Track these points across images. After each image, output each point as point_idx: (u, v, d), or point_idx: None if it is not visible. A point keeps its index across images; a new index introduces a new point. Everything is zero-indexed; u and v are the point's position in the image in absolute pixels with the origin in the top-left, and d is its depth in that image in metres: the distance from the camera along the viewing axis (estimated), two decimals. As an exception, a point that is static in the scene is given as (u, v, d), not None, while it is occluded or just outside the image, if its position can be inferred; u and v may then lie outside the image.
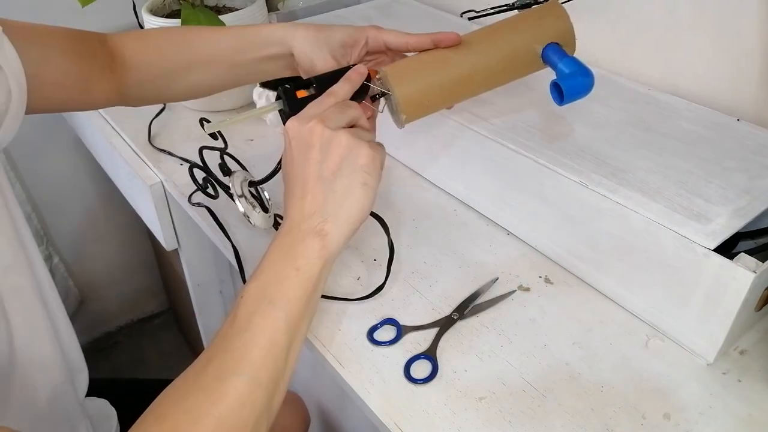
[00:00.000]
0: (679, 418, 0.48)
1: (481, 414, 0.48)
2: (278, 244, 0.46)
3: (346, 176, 0.45)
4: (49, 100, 0.54)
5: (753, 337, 0.55)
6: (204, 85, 0.62)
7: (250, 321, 0.42)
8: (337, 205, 0.45)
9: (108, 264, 1.46)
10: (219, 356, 0.41)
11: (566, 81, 0.50)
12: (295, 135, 0.46)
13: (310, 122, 0.45)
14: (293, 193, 0.47)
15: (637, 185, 0.55)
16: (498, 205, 0.67)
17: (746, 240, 0.54)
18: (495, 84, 0.56)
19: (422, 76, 0.53)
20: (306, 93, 0.50)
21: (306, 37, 0.56)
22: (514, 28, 0.55)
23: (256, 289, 0.44)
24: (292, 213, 0.46)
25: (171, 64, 0.61)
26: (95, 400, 0.66)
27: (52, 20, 1.13)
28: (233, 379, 0.40)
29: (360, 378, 0.52)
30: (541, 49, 0.53)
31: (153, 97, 0.64)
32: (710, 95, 0.70)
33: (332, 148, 0.45)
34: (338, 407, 0.93)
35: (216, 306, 1.06)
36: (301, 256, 0.44)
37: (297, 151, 0.46)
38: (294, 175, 0.46)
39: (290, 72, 0.60)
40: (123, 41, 0.61)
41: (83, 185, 1.33)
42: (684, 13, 0.69)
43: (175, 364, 1.52)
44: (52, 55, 0.53)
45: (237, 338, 0.41)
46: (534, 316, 0.57)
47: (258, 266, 0.45)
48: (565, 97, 0.51)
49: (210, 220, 0.70)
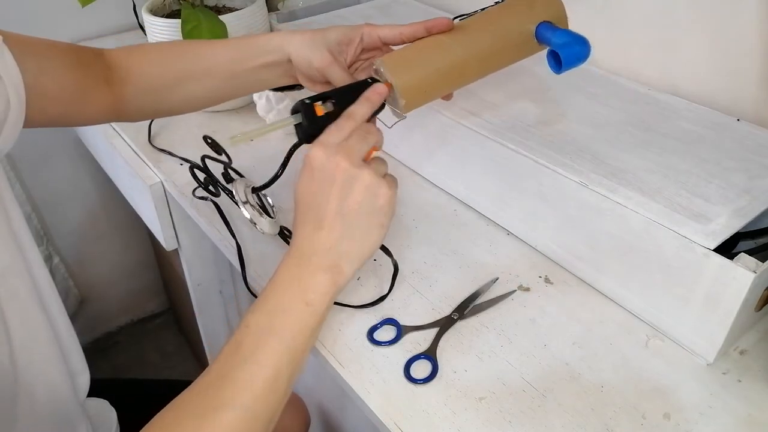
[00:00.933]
0: (679, 418, 0.48)
1: (481, 414, 0.49)
2: (287, 273, 0.45)
3: (364, 216, 0.46)
4: (46, 112, 0.54)
5: (753, 337, 0.55)
6: (201, 97, 0.62)
7: (255, 353, 0.42)
8: (353, 243, 0.46)
9: (108, 264, 1.46)
10: (218, 384, 0.41)
11: (564, 49, 0.51)
12: (320, 166, 0.45)
13: (336, 156, 0.45)
14: (307, 221, 0.46)
15: (636, 185, 0.55)
16: (498, 205, 0.67)
17: (746, 240, 0.54)
18: (492, 67, 0.56)
19: (419, 61, 0.53)
20: (323, 110, 0.49)
21: (302, 40, 0.56)
22: (507, 12, 0.55)
23: (263, 319, 0.43)
24: (304, 243, 0.46)
25: (168, 76, 0.61)
26: (95, 400, 0.66)
27: (52, 20, 1.13)
28: (232, 410, 0.40)
29: (360, 378, 0.52)
30: (534, 28, 0.54)
31: (150, 110, 0.64)
32: (710, 95, 0.70)
33: (355, 187, 0.45)
34: (338, 407, 0.93)
35: (216, 306, 1.06)
36: (311, 291, 0.44)
37: (319, 183, 0.45)
38: (311, 205, 0.46)
39: (288, 80, 0.60)
40: (121, 54, 0.61)
41: (83, 185, 1.33)
42: (683, 12, 0.69)
43: (176, 364, 1.52)
44: (50, 66, 0.54)
45: (240, 368, 0.41)
46: (534, 316, 0.57)
47: (265, 293, 0.45)
48: (564, 64, 0.51)
49: (210, 219, 0.70)
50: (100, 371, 1.46)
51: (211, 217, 0.70)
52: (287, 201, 0.72)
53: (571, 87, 0.63)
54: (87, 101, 0.57)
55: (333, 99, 0.49)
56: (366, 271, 0.63)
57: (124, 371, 1.49)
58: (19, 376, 0.50)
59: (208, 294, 1.03)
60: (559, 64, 0.52)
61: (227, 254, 0.67)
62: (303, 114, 0.49)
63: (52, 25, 1.11)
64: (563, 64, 0.51)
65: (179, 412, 0.40)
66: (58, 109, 0.56)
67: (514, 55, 0.57)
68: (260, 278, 0.62)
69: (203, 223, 0.71)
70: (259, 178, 0.77)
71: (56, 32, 1.12)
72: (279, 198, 0.71)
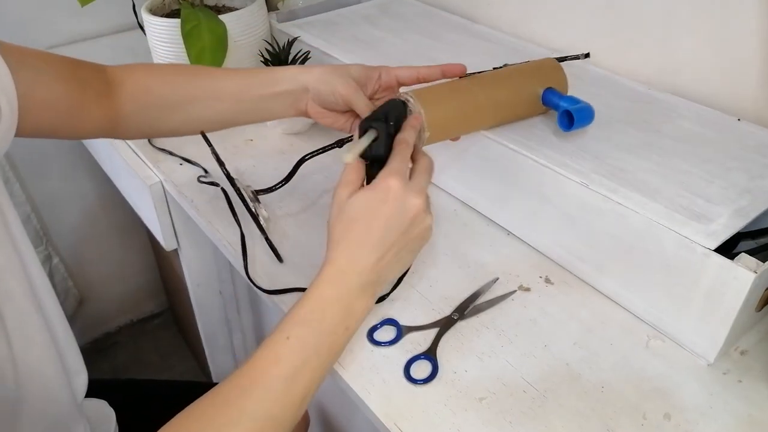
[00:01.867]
0: (679, 418, 0.48)
1: (482, 414, 0.48)
2: (334, 290, 0.46)
3: (412, 253, 0.49)
4: (38, 123, 0.54)
5: (753, 338, 0.55)
6: (204, 120, 0.63)
7: (297, 371, 0.43)
8: (393, 273, 0.49)
9: (108, 264, 1.46)
10: (255, 394, 0.42)
11: (576, 110, 0.58)
12: (398, 198, 0.46)
13: (418, 197, 0.47)
14: (365, 243, 0.46)
15: (637, 185, 0.55)
16: (498, 205, 0.67)
17: (747, 240, 0.54)
18: (504, 118, 0.63)
19: (447, 99, 0.57)
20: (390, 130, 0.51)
21: (325, 70, 0.59)
22: (518, 72, 0.62)
23: (308, 337, 0.44)
24: (359, 262, 0.46)
25: (175, 95, 0.61)
26: (94, 400, 0.66)
27: (51, 19, 1.13)
28: (265, 421, 0.41)
29: (360, 378, 0.51)
30: (541, 91, 0.61)
31: (148, 128, 0.64)
32: (711, 95, 0.70)
33: (417, 227, 0.48)
34: (338, 407, 0.93)
35: (215, 306, 1.06)
36: (353, 317, 0.46)
37: (392, 213, 0.46)
38: (377, 230, 0.46)
39: (294, 111, 0.62)
40: (124, 71, 0.61)
41: (83, 185, 1.33)
42: (684, 12, 0.69)
43: (175, 364, 1.52)
44: (44, 78, 0.54)
45: (280, 383, 0.42)
46: (534, 317, 0.57)
47: (310, 307, 0.45)
48: (576, 122, 0.58)
49: (209, 219, 0.70)
50: (100, 371, 1.47)
51: (210, 217, 0.70)
52: (285, 207, 0.72)
53: (571, 87, 0.63)
54: (82, 115, 0.58)
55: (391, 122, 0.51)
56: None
57: (123, 371, 1.49)
58: (18, 377, 0.50)
59: (208, 294, 1.03)
60: (570, 123, 0.59)
61: (227, 254, 0.67)
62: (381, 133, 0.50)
63: (52, 24, 1.11)
64: (575, 121, 0.58)
65: (210, 413, 0.41)
66: (52, 121, 0.56)
67: (523, 110, 0.63)
68: (257, 276, 0.62)
69: (203, 224, 0.71)
70: (259, 176, 0.77)
71: (56, 32, 1.12)
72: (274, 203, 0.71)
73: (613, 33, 0.77)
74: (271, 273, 0.62)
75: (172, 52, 0.86)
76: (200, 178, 0.75)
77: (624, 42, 0.76)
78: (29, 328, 0.52)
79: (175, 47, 0.85)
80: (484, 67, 0.65)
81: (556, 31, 0.84)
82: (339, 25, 0.91)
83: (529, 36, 0.87)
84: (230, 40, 0.83)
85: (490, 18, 0.92)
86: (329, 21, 0.93)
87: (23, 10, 1.08)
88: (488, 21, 0.92)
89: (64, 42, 1.14)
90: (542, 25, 0.85)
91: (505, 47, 0.83)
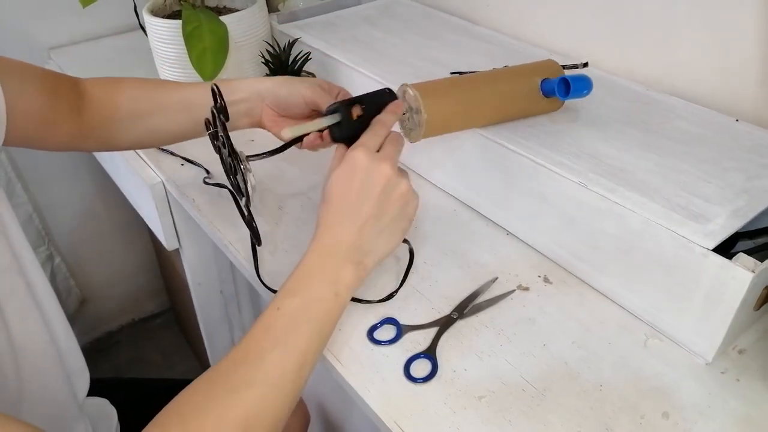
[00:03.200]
0: (677, 417, 0.48)
1: (481, 413, 0.49)
2: (320, 263, 0.48)
3: (395, 222, 0.50)
4: (23, 132, 0.55)
5: (751, 337, 0.55)
6: (164, 132, 0.64)
7: (288, 336, 0.44)
8: (380, 243, 0.50)
9: (109, 264, 1.46)
10: (250, 362, 0.43)
11: (573, 78, 0.59)
12: (364, 167, 0.49)
13: (383, 163, 0.49)
14: (342, 218, 0.49)
15: (635, 185, 0.55)
16: (497, 205, 0.67)
17: (745, 240, 0.54)
18: (503, 112, 0.63)
19: (446, 92, 0.58)
20: (357, 114, 0.53)
21: (283, 78, 0.62)
22: (518, 70, 0.63)
23: (297, 305, 0.46)
24: (339, 237, 0.48)
25: (136, 108, 0.63)
26: (95, 399, 0.67)
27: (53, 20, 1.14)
28: (263, 387, 0.42)
29: (360, 377, 0.52)
30: (539, 81, 0.62)
31: (112, 139, 0.65)
32: (709, 95, 0.70)
33: (394, 193, 0.50)
34: (338, 406, 0.93)
35: (217, 306, 1.07)
36: (341, 283, 0.48)
37: (360, 183, 0.48)
38: (349, 204, 0.49)
39: (248, 121, 0.63)
40: (96, 84, 0.63)
41: (84, 186, 1.33)
42: (682, 13, 0.69)
43: (176, 364, 1.52)
44: (28, 89, 0.55)
45: (272, 350, 0.44)
46: (533, 316, 0.57)
47: (295, 278, 0.48)
48: (572, 90, 0.58)
49: (211, 219, 0.70)
50: (101, 371, 1.47)
51: (212, 218, 0.71)
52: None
53: (570, 87, 0.63)
54: (55, 128, 0.59)
55: (362, 105, 0.54)
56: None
57: (124, 371, 1.50)
58: (19, 374, 0.51)
59: (209, 294, 1.03)
60: (567, 90, 0.60)
61: (228, 254, 0.67)
62: (342, 114, 0.53)
63: (54, 25, 1.12)
64: (571, 89, 0.59)
65: (210, 385, 0.42)
66: (32, 129, 0.57)
67: (524, 104, 0.64)
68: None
69: (204, 223, 0.71)
70: (259, 176, 0.77)
71: (57, 32, 1.13)
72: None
73: (611, 34, 0.78)
74: (272, 272, 0.62)
75: (173, 53, 0.87)
76: (206, 180, 0.76)
77: (622, 43, 0.77)
78: (31, 327, 0.53)
79: (176, 48, 0.85)
80: (484, 68, 0.65)
81: (556, 33, 0.84)
82: (339, 26, 0.91)
83: (528, 37, 0.87)
84: (231, 42, 0.83)
85: (489, 19, 0.92)
86: (330, 22, 0.93)
87: (25, 11, 1.08)
88: (488, 22, 0.92)
89: (66, 43, 1.14)
90: (541, 26, 0.85)
91: (504, 48, 0.83)
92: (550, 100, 0.63)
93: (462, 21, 0.93)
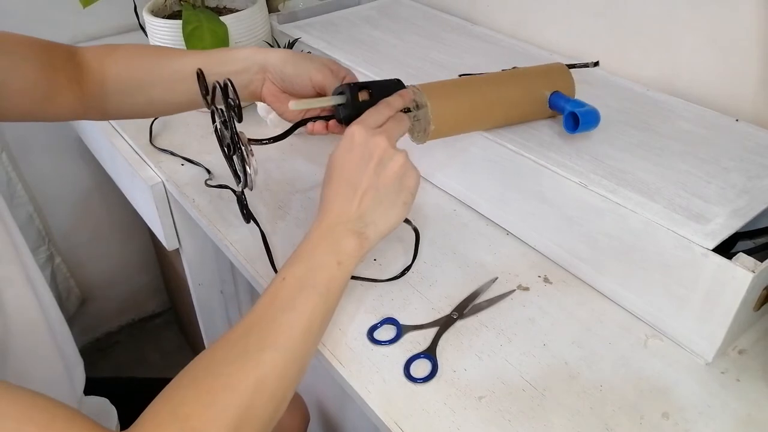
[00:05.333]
0: (677, 417, 0.48)
1: (481, 413, 0.49)
2: (321, 233, 0.49)
3: (393, 193, 0.51)
4: (17, 106, 0.55)
5: (751, 337, 0.55)
6: (166, 102, 0.63)
7: (295, 301, 0.45)
8: (381, 215, 0.50)
9: (109, 264, 1.46)
10: (259, 329, 0.44)
11: (583, 112, 0.59)
12: (361, 142, 0.50)
13: (378, 136, 0.50)
14: (341, 191, 0.50)
15: (635, 185, 0.55)
16: (497, 205, 0.67)
17: (745, 240, 0.54)
18: (509, 117, 0.63)
19: (453, 94, 0.58)
20: (363, 96, 0.54)
21: (290, 54, 0.60)
22: (527, 75, 0.63)
23: (300, 272, 0.47)
24: (339, 210, 0.50)
25: (137, 77, 0.62)
26: (95, 398, 0.67)
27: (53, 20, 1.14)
28: (274, 351, 0.43)
29: (360, 377, 0.52)
30: (548, 94, 0.62)
31: (113, 110, 0.64)
32: (709, 95, 0.70)
33: (390, 165, 0.50)
34: (338, 406, 0.93)
35: (217, 305, 1.07)
36: (343, 252, 0.48)
37: (359, 157, 0.50)
38: (347, 177, 0.50)
39: (247, 94, 0.61)
40: (93, 53, 0.62)
41: (85, 186, 1.33)
42: (683, 14, 0.69)
43: (176, 364, 1.52)
44: (19, 62, 0.55)
45: (280, 315, 0.45)
46: (533, 316, 0.57)
47: (300, 250, 0.49)
48: (581, 125, 0.59)
49: (211, 219, 0.70)
50: (101, 370, 1.47)
51: (212, 217, 0.71)
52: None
53: (570, 88, 0.63)
54: (54, 98, 0.58)
55: (370, 90, 0.54)
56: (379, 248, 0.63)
57: (124, 370, 1.50)
58: (15, 364, 0.50)
59: (209, 293, 1.03)
60: (575, 125, 0.59)
61: (228, 254, 0.67)
62: (348, 96, 0.53)
63: (54, 25, 1.11)
64: (581, 124, 0.59)
65: (223, 352, 0.43)
66: (25, 105, 0.57)
67: (530, 111, 0.64)
68: (259, 276, 0.63)
69: (204, 224, 0.71)
70: (260, 176, 0.77)
71: (57, 32, 1.13)
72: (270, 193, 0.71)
73: (612, 34, 0.78)
74: (272, 273, 0.62)
75: (174, 53, 0.86)
76: (207, 182, 0.76)
77: (623, 43, 0.77)
78: (29, 316, 0.53)
79: (176, 48, 0.85)
80: (485, 69, 0.65)
81: (556, 33, 0.84)
82: (339, 26, 0.92)
83: (528, 37, 0.87)
84: (231, 42, 0.83)
85: (489, 19, 0.92)
86: (329, 22, 0.93)
87: (25, 11, 1.08)
88: (487, 23, 0.92)
89: (66, 43, 1.14)
90: (541, 26, 0.85)
91: (504, 49, 0.83)
92: (554, 111, 0.64)
93: (462, 21, 0.93)
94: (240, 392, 0.40)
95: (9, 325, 0.50)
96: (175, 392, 0.41)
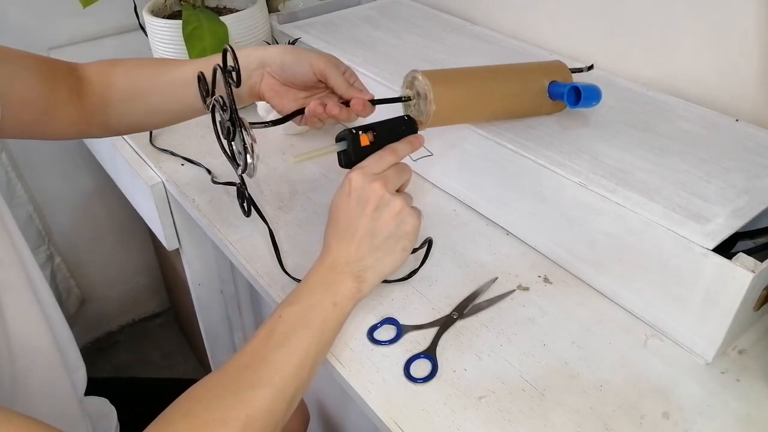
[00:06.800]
0: (677, 417, 0.48)
1: (481, 413, 0.49)
2: (319, 276, 0.51)
3: (391, 238, 0.52)
4: (19, 121, 0.55)
5: (751, 337, 0.55)
6: (166, 110, 0.63)
7: (288, 339, 0.47)
8: (378, 260, 0.52)
9: (109, 264, 1.46)
10: (254, 366, 0.45)
11: (584, 86, 0.60)
12: (358, 187, 0.51)
13: (375, 182, 0.51)
14: (340, 234, 0.52)
15: (635, 185, 0.55)
16: (497, 205, 0.67)
17: (745, 240, 0.54)
18: (509, 108, 0.63)
19: (455, 80, 0.58)
20: (367, 140, 0.53)
21: (288, 47, 0.60)
22: (526, 67, 0.64)
23: (297, 312, 0.48)
24: (338, 252, 0.51)
25: (135, 87, 0.62)
26: (95, 398, 0.67)
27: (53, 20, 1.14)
28: (265, 388, 0.44)
29: (360, 377, 0.52)
30: (547, 83, 0.62)
31: (115, 123, 0.64)
32: (709, 95, 0.70)
33: (387, 211, 0.51)
34: (338, 406, 0.93)
35: (217, 305, 1.07)
36: (340, 294, 0.50)
37: (355, 202, 0.51)
38: (346, 221, 0.52)
39: (245, 90, 0.60)
40: (94, 68, 0.62)
41: (85, 186, 1.33)
42: (682, 14, 0.69)
43: (176, 364, 1.52)
44: (23, 75, 0.55)
45: (274, 353, 0.46)
46: (533, 316, 0.57)
47: (298, 291, 0.50)
48: (583, 99, 0.59)
49: (211, 219, 0.70)
50: (101, 370, 1.47)
51: (212, 218, 0.71)
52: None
53: (570, 87, 0.63)
54: (57, 112, 0.58)
55: (374, 131, 0.54)
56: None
57: (124, 370, 1.50)
58: (16, 370, 0.50)
59: (209, 293, 1.03)
60: (577, 98, 0.60)
61: (228, 254, 0.67)
62: (349, 142, 0.53)
63: (54, 25, 1.12)
64: (582, 97, 0.60)
65: (215, 388, 0.44)
66: (30, 120, 0.57)
67: (529, 102, 0.64)
68: (259, 275, 0.63)
69: (204, 224, 0.71)
70: (260, 175, 0.77)
71: (58, 33, 1.13)
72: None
73: (611, 34, 0.78)
74: (273, 272, 0.62)
75: (174, 54, 0.87)
76: (214, 179, 0.76)
77: (623, 43, 0.77)
78: (30, 319, 0.53)
79: (176, 49, 0.85)
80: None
81: (555, 33, 0.84)
82: (339, 26, 0.92)
83: (528, 37, 0.87)
84: (231, 42, 0.83)
85: (489, 19, 0.92)
86: (329, 22, 0.93)
87: (25, 11, 1.08)
88: (487, 23, 0.92)
89: (66, 43, 1.14)
90: (541, 26, 0.85)
91: (504, 49, 0.83)
92: (554, 103, 0.63)
93: (462, 21, 0.93)
94: (230, 428, 0.41)
95: (9, 328, 0.50)
96: (168, 424, 0.41)
